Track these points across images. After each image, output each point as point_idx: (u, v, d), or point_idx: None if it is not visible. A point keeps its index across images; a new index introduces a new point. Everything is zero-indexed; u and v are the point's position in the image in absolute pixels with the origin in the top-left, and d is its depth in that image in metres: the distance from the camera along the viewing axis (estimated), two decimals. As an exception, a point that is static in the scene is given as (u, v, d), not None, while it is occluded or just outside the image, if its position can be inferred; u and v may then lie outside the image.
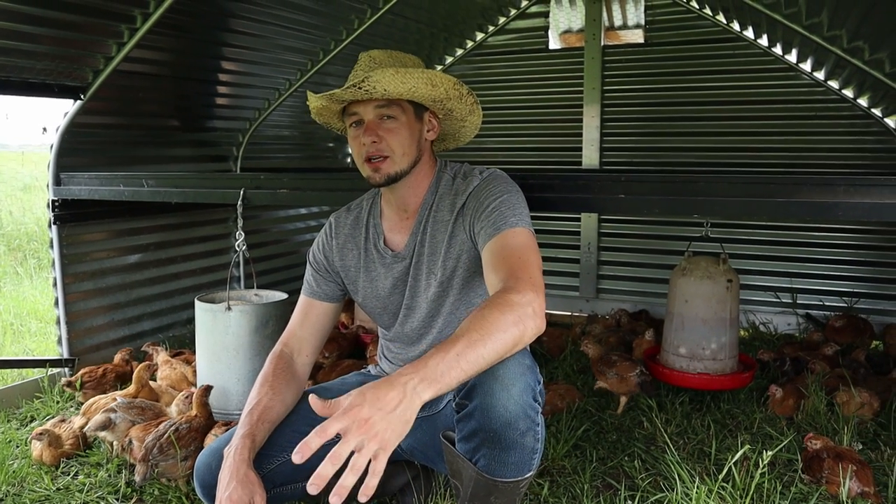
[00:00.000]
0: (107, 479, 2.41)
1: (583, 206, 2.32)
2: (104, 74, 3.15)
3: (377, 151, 1.75)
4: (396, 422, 1.24)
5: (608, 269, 4.79)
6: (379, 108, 1.75)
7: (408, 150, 1.78)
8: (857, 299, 4.18)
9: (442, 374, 1.29)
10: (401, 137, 1.76)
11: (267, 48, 3.83)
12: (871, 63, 3.33)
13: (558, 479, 2.36)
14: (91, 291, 3.46)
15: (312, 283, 2.00)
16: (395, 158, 1.76)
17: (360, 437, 1.21)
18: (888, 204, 1.89)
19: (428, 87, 1.74)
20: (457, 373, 1.30)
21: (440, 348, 1.32)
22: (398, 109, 1.76)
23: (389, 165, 1.76)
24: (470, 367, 1.32)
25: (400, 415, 1.24)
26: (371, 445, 1.21)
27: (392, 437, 1.23)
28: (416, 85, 1.72)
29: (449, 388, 1.30)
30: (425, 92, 1.75)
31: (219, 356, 2.61)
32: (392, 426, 1.23)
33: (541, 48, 4.85)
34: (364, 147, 1.75)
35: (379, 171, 1.76)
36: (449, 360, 1.30)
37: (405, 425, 1.25)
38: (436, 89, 1.76)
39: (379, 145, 1.74)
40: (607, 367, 2.94)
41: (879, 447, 2.59)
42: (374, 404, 1.24)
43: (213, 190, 2.89)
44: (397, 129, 1.76)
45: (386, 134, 1.75)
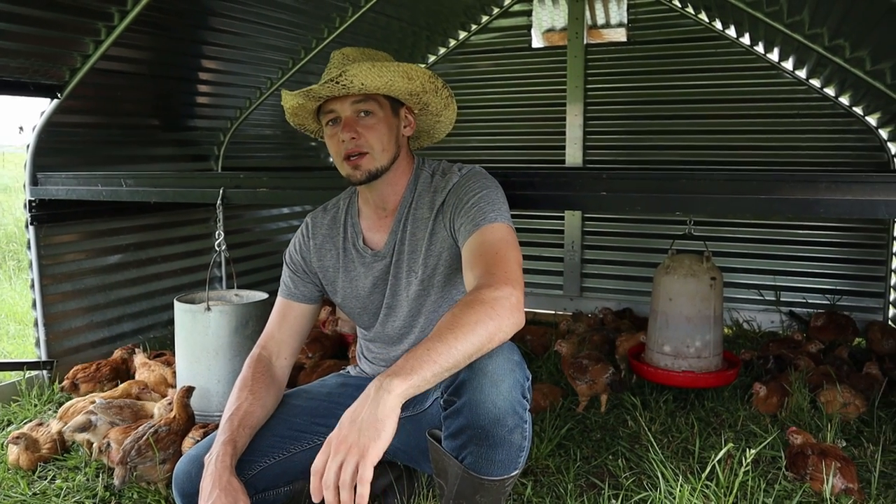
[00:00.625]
0: (85, 483, 2.36)
1: (565, 203, 2.31)
2: (81, 73, 3.10)
3: (356, 148, 1.72)
4: (367, 425, 1.27)
5: (592, 268, 4.78)
6: (356, 103, 1.73)
7: (387, 145, 1.76)
8: (840, 297, 4.20)
9: (412, 368, 1.30)
10: (379, 133, 1.74)
11: (247, 46, 3.79)
12: (851, 61, 3.34)
13: (542, 479, 2.35)
14: (70, 293, 3.41)
15: (290, 284, 1.97)
16: (375, 154, 1.74)
17: (338, 457, 1.27)
18: (869, 201, 1.89)
19: (404, 80, 1.73)
20: (430, 366, 1.31)
21: (412, 349, 1.35)
22: (375, 105, 1.74)
23: (369, 162, 1.74)
24: (444, 361, 1.32)
25: (368, 416, 1.28)
26: (350, 458, 1.26)
27: (368, 440, 1.26)
28: (392, 78, 1.70)
29: (424, 381, 1.31)
30: (402, 85, 1.74)
31: (198, 357, 2.58)
32: (364, 431, 1.27)
33: (524, 47, 4.85)
34: (343, 144, 1.73)
35: (359, 168, 1.74)
36: (419, 356, 1.32)
37: (380, 423, 1.27)
38: (412, 82, 1.75)
39: (358, 141, 1.72)
40: (580, 373, 2.92)
41: (863, 444, 2.59)
42: (347, 421, 1.30)
43: (193, 189, 2.85)
44: (375, 124, 1.74)
45: (364, 130, 1.73)
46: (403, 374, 1.30)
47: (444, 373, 1.33)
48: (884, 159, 4.03)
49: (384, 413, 1.27)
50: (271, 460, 1.78)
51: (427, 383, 1.32)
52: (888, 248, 4.06)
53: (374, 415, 1.27)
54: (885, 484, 2.30)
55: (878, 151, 4.05)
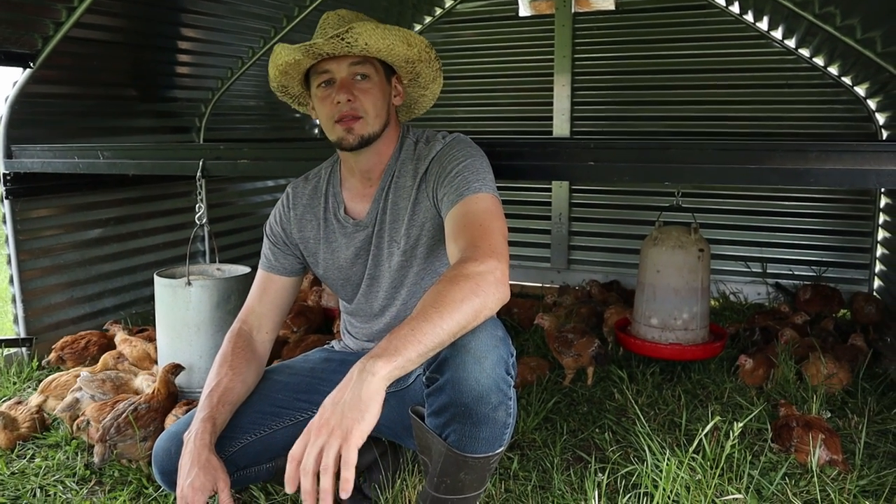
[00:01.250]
0: (65, 461, 2.33)
1: (552, 173, 2.27)
2: (54, 41, 3.01)
3: (351, 111, 1.67)
4: (350, 407, 1.23)
5: (579, 240, 4.76)
6: (353, 65, 1.68)
7: (380, 111, 1.72)
8: (826, 268, 4.20)
9: (396, 348, 1.26)
10: (374, 98, 1.70)
11: (228, 14, 3.70)
12: (842, 29, 3.30)
13: (528, 453, 2.33)
14: (48, 268, 3.35)
15: (270, 256, 1.93)
16: (369, 119, 1.69)
17: (319, 441, 1.22)
18: (860, 170, 1.86)
19: (405, 45, 1.69)
20: (415, 346, 1.27)
21: (395, 329, 1.31)
22: (371, 69, 1.70)
23: (362, 126, 1.69)
24: (429, 341, 1.28)
25: (351, 398, 1.24)
26: (332, 441, 1.21)
27: (351, 422, 1.22)
28: (394, 42, 1.66)
29: (409, 362, 1.27)
30: (401, 51, 1.70)
31: (179, 333, 2.53)
32: (347, 413, 1.23)
33: (511, 15, 4.76)
34: (337, 106, 1.67)
35: (352, 132, 1.69)
36: (403, 336, 1.28)
37: (363, 405, 1.23)
38: (411, 49, 1.71)
39: (353, 104, 1.67)
40: (565, 347, 2.90)
41: (847, 415, 2.60)
42: (329, 404, 1.26)
43: (172, 161, 2.78)
44: (371, 88, 1.70)
45: (360, 93, 1.68)
46: (387, 356, 1.26)
47: (429, 352, 1.30)
48: (871, 130, 4.00)
49: (368, 395, 1.23)
50: (252, 437, 1.74)
51: (412, 364, 1.28)
52: (874, 220, 4.05)
53: (357, 396, 1.23)
54: (869, 454, 2.30)
55: (866, 122, 4.02)
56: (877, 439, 2.43)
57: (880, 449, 2.36)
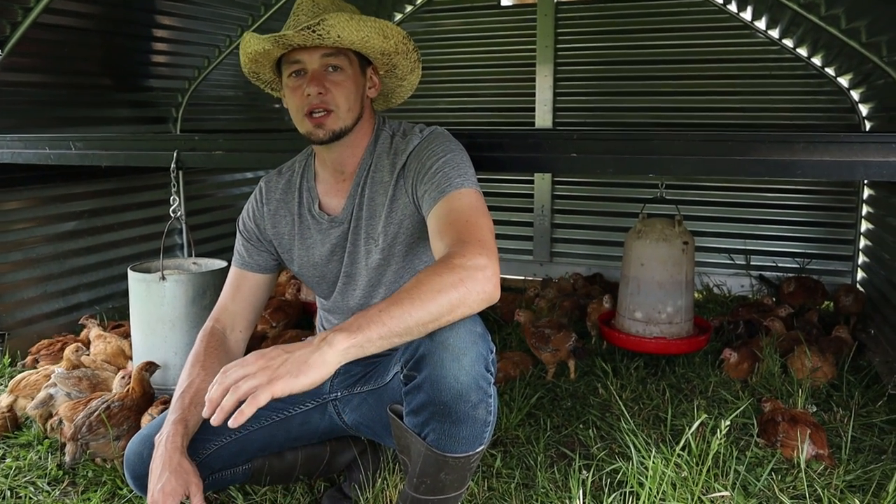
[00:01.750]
0: (36, 461, 2.27)
1: (534, 165, 2.22)
2: (23, 27, 2.92)
3: (322, 104, 1.61)
4: (294, 361, 1.22)
5: (562, 233, 4.72)
6: (326, 56, 1.61)
7: (353, 105, 1.65)
8: (809, 260, 4.19)
9: (359, 326, 1.24)
10: (346, 91, 1.63)
11: (204, 2, 3.62)
12: (826, 19, 3.27)
13: (511, 450, 2.30)
14: (21, 262, 3.26)
15: (244, 253, 1.86)
16: (340, 114, 1.63)
17: (247, 368, 1.22)
18: (847, 162, 1.83)
19: (380, 38, 1.63)
20: (378, 327, 1.24)
21: (365, 308, 1.30)
22: (345, 60, 1.64)
23: (333, 121, 1.63)
24: (395, 325, 1.25)
25: (299, 356, 1.23)
26: (259, 376, 1.20)
27: (284, 373, 1.20)
28: (369, 34, 1.60)
29: (369, 342, 1.24)
30: (377, 43, 1.63)
31: (154, 329, 2.47)
32: (287, 364, 1.22)
33: (492, 5, 4.70)
34: (307, 98, 1.61)
35: (322, 126, 1.63)
36: (370, 316, 1.26)
37: (306, 367, 1.21)
38: (387, 41, 1.65)
39: (325, 97, 1.61)
40: (542, 342, 2.87)
41: (832, 408, 2.59)
42: (278, 350, 1.25)
43: (145, 152, 2.70)
44: (343, 81, 1.63)
45: (332, 86, 1.62)
46: (349, 331, 1.24)
47: (393, 338, 1.26)
48: (855, 121, 3.99)
49: (316, 361, 1.21)
50: (227, 439, 1.69)
51: (373, 345, 1.25)
52: (857, 212, 4.05)
53: (305, 358, 1.22)
54: (855, 448, 2.29)
55: (850, 113, 4.01)
56: (862, 433, 2.41)
57: (866, 443, 2.35)
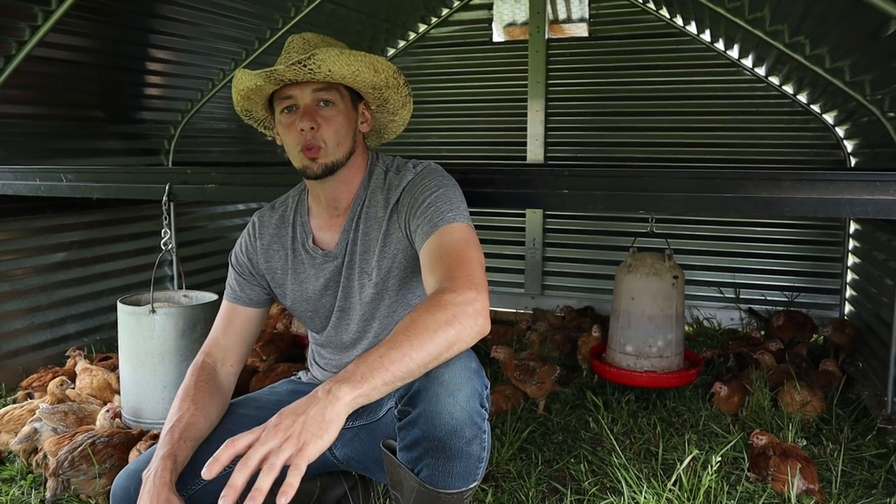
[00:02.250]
0: (19, 496, 2.23)
1: (525, 201, 2.24)
2: (17, 60, 2.94)
3: (314, 140, 1.62)
4: (312, 422, 1.17)
5: (553, 266, 4.74)
6: (317, 91, 1.63)
7: (343, 139, 1.67)
8: (798, 294, 4.22)
9: (363, 375, 1.22)
10: (337, 126, 1.65)
11: (198, 36, 3.65)
12: (811, 58, 3.34)
13: (503, 485, 2.28)
14: (8, 293, 3.25)
15: (236, 287, 1.86)
16: (329, 149, 1.64)
17: (274, 441, 1.15)
18: (833, 199, 1.86)
19: (371, 72, 1.65)
20: (382, 374, 1.23)
21: (363, 354, 1.27)
22: (336, 95, 1.65)
23: (325, 156, 1.64)
24: (398, 369, 1.24)
25: (315, 414, 1.18)
26: (287, 447, 1.14)
27: (310, 436, 1.16)
28: (359, 69, 1.62)
29: (374, 390, 1.23)
30: (367, 77, 1.65)
31: (143, 362, 2.45)
32: (309, 426, 1.17)
33: (485, 41, 4.77)
34: (302, 134, 1.63)
35: (316, 161, 1.64)
36: (371, 363, 1.24)
37: (326, 424, 1.17)
38: (378, 75, 1.67)
39: (316, 133, 1.62)
40: (527, 375, 2.86)
41: (822, 442, 2.58)
42: (290, 413, 1.19)
43: (137, 185, 2.70)
44: (334, 116, 1.65)
45: (323, 121, 1.63)
46: (353, 382, 1.21)
47: (396, 382, 1.25)
48: (840, 156, 4.05)
49: (331, 416, 1.18)
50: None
51: (378, 392, 1.24)
52: (844, 246, 4.09)
53: (321, 414, 1.18)
54: (845, 483, 2.28)
55: (835, 149, 4.07)
56: (852, 467, 2.41)
57: (856, 477, 2.35)
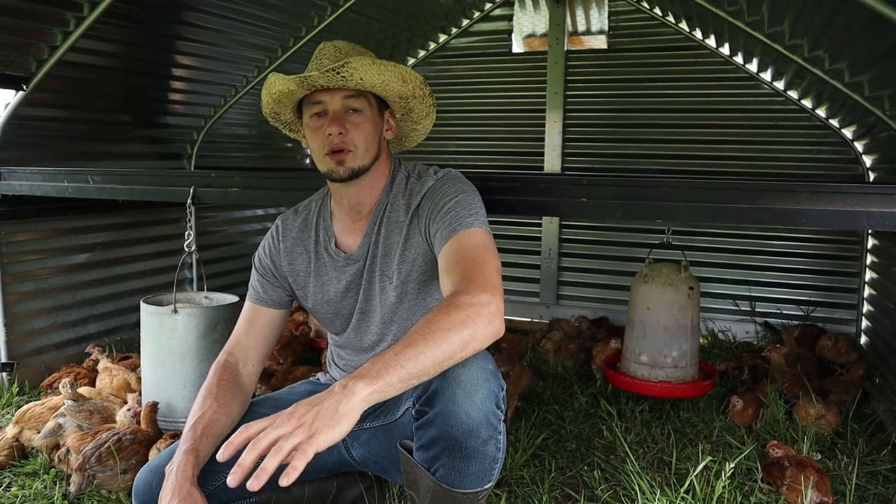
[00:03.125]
0: (42, 490, 2.28)
1: (544, 209, 2.27)
2: (49, 64, 3.02)
3: (342, 144, 1.68)
4: (325, 413, 1.21)
5: (569, 276, 4.75)
6: (347, 98, 1.68)
7: (370, 145, 1.72)
8: (814, 308, 4.21)
9: (379, 372, 1.26)
10: (365, 132, 1.70)
11: (223, 43, 3.72)
12: (830, 73, 3.34)
13: (516, 490, 2.30)
14: (33, 292, 3.31)
15: (258, 288, 1.90)
16: (358, 153, 1.70)
17: (286, 427, 1.19)
18: (850, 212, 1.87)
19: (399, 81, 1.70)
20: (398, 371, 1.26)
21: (380, 353, 1.31)
22: (365, 102, 1.71)
23: (353, 159, 1.69)
24: (413, 367, 1.28)
25: (329, 406, 1.22)
26: (297, 433, 1.18)
27: (321, 426, 1.19)
28: (389, 78, 1.67)
29: (390, 387, 1.26)
30: (396, 87, 1.70)
31: (164, 361, 2.50)
32: (321, 417, 1.20)
33: (504, 52, 4.82)
34: (329, 138, 1.68)
35: (343, 164, 1.69)
36: (387, 360, 1.28)
37: (339, 416, 1.21)
38: (406, 85, 1.72)
39: (345, 137, 1.68)
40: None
41: (837, 456, 2.58)
42: (305, 404, 1.23)
43: (163, 188, 2.76)
44: (362, 122, 1.70)
45: (351, 127, 1.69)
46: (369, 378, 1.25)
47: (411, 379, 1.29)
48: (859, 171, 4.05)
49: (345, 410, 1.22)
50: (237, 471, 1.70)
51: (393, 389, 1.27)
52: (861, 260, 4.07)
53: (335, 407, 1.21)
54: (859, 496, 2.28)
55: (853, 164, 4.07)
56: (867, 481, 2.41)
57: (870, 491, 2.34)
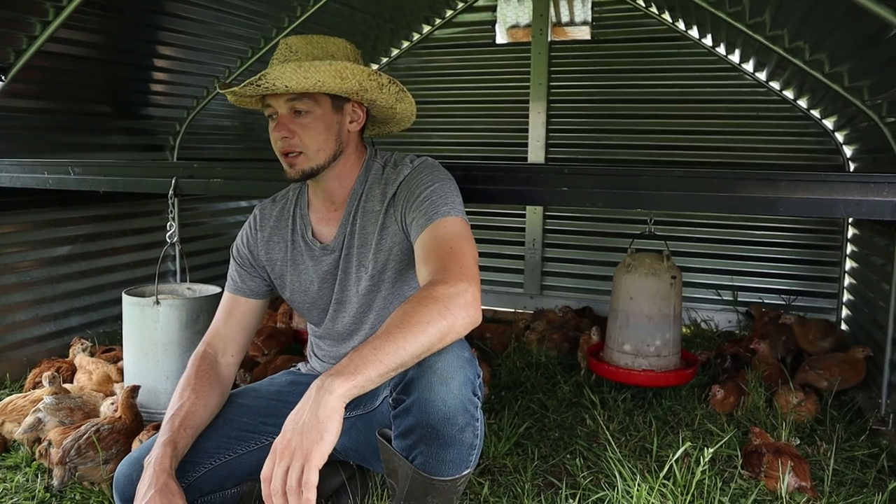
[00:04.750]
0: (24, 483, 2.26)
1: (526, 198, 2.27)
2: (27, 55, 2.98)
3: (289, 147, 1.68)
4: (308, 428, 1.24)
5: (553, 266, 4.77)
6: (290, 101, 1.67)
7: (323, 145, 1.70)
8: (795, 297, 4.25)
9: (356, 367, 1.27)
10: (314, 133, 1.68)
11: (205, 33, 3.69)
12: (810, 63, 3.37)
13: (499, 478, 2.31)
14: (14, 285, 3.28)
15: (237, 278, 1.90)
16: (309, 154, 1.69)
17: (283, 463, 1.24)
18: (827, 200, 1.89)
19: (336, 80, 1.63)
20: (376, 366, 1.27)
21: (358, 347, 1.32)
22: (311, 102, 1.67)
23: (304, 161, 1.69)
24: (391, 361, 1.29)
25: (310, 418, 1.25)
26: (295, 463, 1.23)
27: (311, 444, 1.23)
28: (322, 79, 1.62)
29: (368, 381, 1.27)
30: (334, 85, 1.65)
31: (147, 352, 2.49)
32: (307, 434, 1.24)
33: (488, 42, 4.81)
34: (278, 143, 1.70)
35: (294, 166, 1.70)
36: (365, 355, 1.29)
37: (322, 425, 1.24)
38: (346, 82, 1.65)
39: (291, 141, 1.67)
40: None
41: (816, 442, 2.61)
42: (290, 425, 1.27)
43: (144, 178, 2.75)
44: (311, 123, 1.68)
45: (299, 129, 1.68)
46: (346, 374, 1.26)
47: (390, 372, 1.30)
48: (839, 162, 4.09)
49: (325, 414, 1.24)
50: (217, 461, 1.71)
51: (372, 383, 1.28)
52: (841, 250, 4.12)
53: (315, 416, 1.24)
54: (837, 481, 2.31)
55: (834, 154, 4.10)
56: (845, 466, 2.44)
57: (848, 476, 2.38)
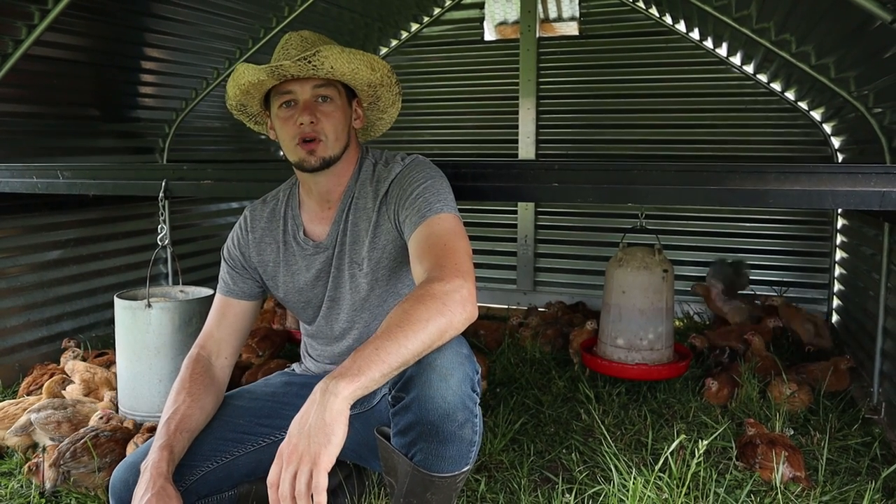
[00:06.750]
0: (18, 489, 2.25)
1: (516, 194, 2.28)
2: (13, 58, 2.96)
3: (313, 133, 1.67)
4: (315, 431, 1.24)
5: (545, 262, 4.78)
6: (317, 87, 1.68)
7: (340, 134, 1.72)
8: (787, 288, 4.27)
9: (360, 368, 1.27)
10: (335, 121, 1.70)
11: (193, 35, 3.68)
12: (797, 56, 3.39)
13: (496, 475, 2.32)
14: (4, 290, 3.27)
15: (228, 280, 1.90)
16: (329, 143, 1.70)
17: (291, 468, 1.23)
18: (816, 191, 1.90)
19: (368, 70, 1.70)
20: (378, 366, 1.27)
21: (359, 348, 1.31)
22: (334, 91, 1.71)
23: (324, 149, 1.69)
24: (393, 360, 1.28)
25: (316, 422, 1.24)
26: (303, 468, 1.22)
27: (318, 447, 1.22)
28: (358, 66, 1.67)
29: (372, 381, 1.27)
30: (365, 75, 1.71)
31: (139, 356, 2.48)
32: (314, 437, 1.23)
33: (476, 39, 4.81)
34: (300, 127, 1.67)
35: (314, 153, 1.69)
36: (367, 355, 1.28)
37: (328, 428, 1.23)
38: (374, 73, 1.72)
39: (316, 126, 1.67)
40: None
41: (809, 432, 2.63)
42: (296, 429, 1.27)
43: (134, 181, 2.73)
44: (333, 111, 1.70)
45: (322, 116, 1.69)
46: (350, 376, 1.26)
47: (392, 371, 1.30)
48: (827, 153, 4.11)
49: (332, 417, 1.23)
50: (213, 464, 1.71)
51: (375, 384, 1.28)
52: (831, 241, 4.15)
53: (321, 419, 1.23)
54: (831, 471, 2.33)
55: (822, 145, 4.12)
56: (838, 456, 2.46)
57: (842, 465, 2.40)
